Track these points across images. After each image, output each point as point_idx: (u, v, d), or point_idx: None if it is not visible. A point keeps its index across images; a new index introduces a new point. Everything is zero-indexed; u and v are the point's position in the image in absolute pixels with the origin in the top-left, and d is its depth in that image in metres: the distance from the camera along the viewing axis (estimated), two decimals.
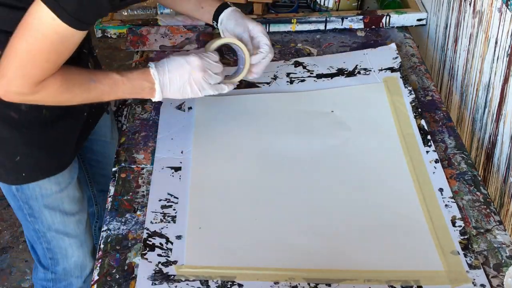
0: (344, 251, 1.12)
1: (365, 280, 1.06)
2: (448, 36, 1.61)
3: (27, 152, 1.27)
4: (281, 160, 1.30)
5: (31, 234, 1.40)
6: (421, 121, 1.37)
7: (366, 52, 1.59)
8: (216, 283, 1.06)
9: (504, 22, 1.27)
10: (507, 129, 1.28)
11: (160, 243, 1.13)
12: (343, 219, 1.18)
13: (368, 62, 1.55)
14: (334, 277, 1.07)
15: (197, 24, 1.69)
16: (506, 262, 1.09)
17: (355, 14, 1.72)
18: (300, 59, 1.59)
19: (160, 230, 1.15)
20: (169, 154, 1.31)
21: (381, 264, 1.09)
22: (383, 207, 1.20)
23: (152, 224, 1.16)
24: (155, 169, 1.28)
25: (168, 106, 1.44)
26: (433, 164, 1.27)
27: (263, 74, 1.53)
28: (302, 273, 1.08)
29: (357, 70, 1.53)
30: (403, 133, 1.35)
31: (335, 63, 1.56)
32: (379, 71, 1.52)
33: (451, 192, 1.21)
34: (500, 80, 1.30)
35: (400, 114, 1.39)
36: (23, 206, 1.34)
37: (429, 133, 1.35)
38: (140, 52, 1.65)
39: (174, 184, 1.24)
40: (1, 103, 1.18)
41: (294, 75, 1.54)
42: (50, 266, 1.43)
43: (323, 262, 1.10)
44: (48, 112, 1.24)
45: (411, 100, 1.43)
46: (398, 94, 1.45)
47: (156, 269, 1.08)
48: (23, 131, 1.24)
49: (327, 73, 1.54)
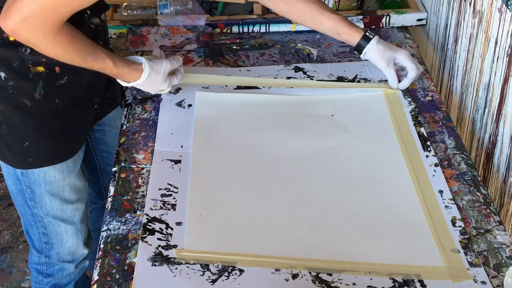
0: (346, 245, 1.12)
1: (366, 272, 1.06)
2: (448, 36, 1.61)
3: (36, 138, 1.31)
4: (281, 156, 1.30)
5: (28, 219, 1.43)
6: (421, 128, 1.37)
7: (365, 64, 1.58)
8: (217, 267, 1.06)
9: (504, 22, 1.27)
10: (507, 129, 1.28)
11: (160, 228, 1.14)
12: (344, 218, 1.18)
13: (368, 73, 1.55)
14: (335, 267, 1.07)
15: (197, 24, 1.69)
16: (506, 262, 1.09)
17: (355, 14, 1.72)
18: (300, 65, 1.58)
19: (160, 216, 1.16)
20: (168, 148, 1.32)
21: (383, 258, 1.09)
22: (384, 207, 1.20)
23: (152, 210, 1.17)
24: (155, 161, 1.29)
25: (167, 103, 1.45)
26: (433, 168, 1.27)
27: (263, 77, 1.55)
28: (303, 262, 1.08)
29: (357, 79, 1.53)
30: (403, 138, 1.35)
31: (335, 71, 1.56)
32: (379, 82, 1.52)
33: (451, 194, 1.22)
34: (500, 80, 1.30)
35: (400, 122, 1.39)
36: (25, 190, 1.37)
37: (428, 140, 1.34)
38: (140, 52, 1.65)
39: (174, 175, 1.25)
40: (16, 90, 1.24)
41: (294, 79, 1.53)
42: (44, 250, 1.46)
43: (325, 253, 1.10)
44: (60, 102, 1.30)
45: (411, 109, 1.43)
46: (398, 104, 1.45)
47: (156, 251, 1.09)
48: (34, 119, 1.29)
49: (327, 79, 1.53)
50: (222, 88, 1.50)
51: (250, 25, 1.72)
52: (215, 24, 1.71)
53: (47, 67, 1.26)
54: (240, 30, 1.72)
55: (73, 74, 1.29)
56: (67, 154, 1.36)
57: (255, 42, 1.67)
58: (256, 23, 1.71)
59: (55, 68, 1.26)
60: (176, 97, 1.47)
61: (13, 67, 1.24)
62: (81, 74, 1.29)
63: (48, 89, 1.27)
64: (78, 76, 1.30)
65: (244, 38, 1.70)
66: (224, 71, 1.56)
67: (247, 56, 1.63)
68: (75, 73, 1.28)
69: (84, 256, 1.52)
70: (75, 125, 1.36)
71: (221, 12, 1.82)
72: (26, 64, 1.24)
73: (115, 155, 1.33)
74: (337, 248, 1.11)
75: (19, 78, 1.25)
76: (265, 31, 1.72)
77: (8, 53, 1.23)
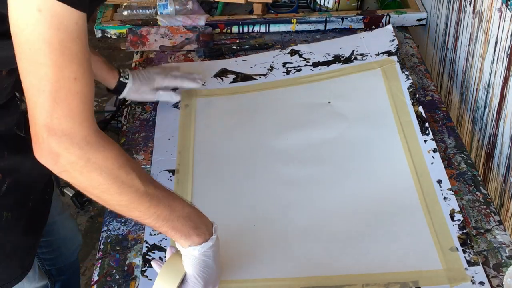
0: (342, 255, 1.11)
1: (364, 285, 1.05)
2: (448, 36, 1.61)
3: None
4: (279, 155, 1.30)
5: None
6: (419, 108, 1.37)
7: (362, 36, 1.58)
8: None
9: (504, 22, 1.27)
10: (507, 129, 1.28)
11: (159, 258, 1.10)
12: (341, 216, 1.17)
13: (365, 47, 1.55)
14: (332, 283, 1.06)
15: (197, 24, 1.69)
16: (506, 262, 1.09)
17: (355, 14, 1.72)
18: (296, 47, 1.59)
19: (160, 242, 1.13)
20: (166, 155, 1.31)
21: (379, 267, 1.08)
22: (381, 201, 1.19)
23: (152, 236, 1.14)
24: (153, 172, 1.27)
25: (164, 105, 1.45)
26: (431, 154, 1.27)
27: (259, 65, 1.53)
28: (300, 282, 1.07)
29: (354, 56, 1.53)
30: (400, 121, 1.34)
31: (332, 50, 1.56)
32: (376, 55, 1.52)
33: (450, 184, 1.21)
34: (500, 80, 1.30)
35: (397, 101, 1.39)
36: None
37: (427, 121, 1.34)
38: (140, 52, 1.65)
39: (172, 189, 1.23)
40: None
41: (290, 64, 1.54)
42: None
43: (321, 269, 1.09)
44: (9, 214, 1.10)
45: (408, 85, 1.43)
46: (395, 79, 1.44)
47: None
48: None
49: (323, 60, 1.54)
50: (219, 83, 1.50)
51: (250, 25, 1.72)
52: (215, 24, 1.71)
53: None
54: (240, 30, 1.72)
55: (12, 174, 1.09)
56: (24, 271, 1.17)
57: (255, 42, 1.67)
58: (256, 23, 1.71)
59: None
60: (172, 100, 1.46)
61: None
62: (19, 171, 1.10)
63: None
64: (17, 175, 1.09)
65: (244, 38, 1.70)
66: (221, 62, 1.56)
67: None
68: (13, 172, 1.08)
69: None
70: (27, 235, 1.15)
71: (221, 12, 1.82)
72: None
73: None
74: (333, 260, 1.10)
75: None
76: (265, 31, 1.72)
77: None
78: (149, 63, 1.60)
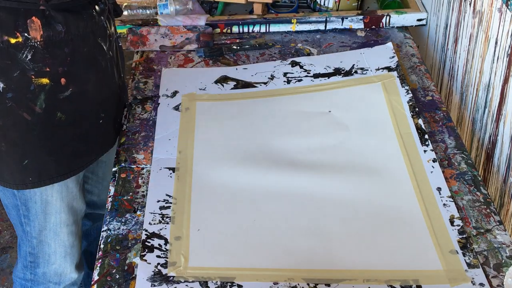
0: (343, 251, 1.12)
1: (364, 280, 1.06)
2: (448, 36, 1.61)
3: (36, 155, 1.24)
4: (279, 160, 1.30)
5: (20, 234, 1.39)
6: (419, 120, 1.37)
7: (362, 52, 1.59)
8: (215, 284, 1.06)
9: (504, 22, 1.27)
10: (507, 129, 1.28)
11: (159, 244, 1.13)
12: (341, 219, 1.18)
13: (365, 62, 1.56)
14: (333, 277, 1.07)
15: (197, 24, 1.69)
16: (506, 262, 1.09)
17: (355, 14, 1.72)
18: (297, 58, 1.59)
19: (159, 231, 1.15)
20: (166, 154, 1.31)
21: (380, 264, 1.09)
22: (381, 206, 1.20)
23: (151, 225, 1.16)
24: (153, 169, 1.28)
25: (165, 107, 1.45)
26: (431, 164, 1.27)
27: (260, 74, 1.54)
28: (301, 274, 1.08)
29: (354, 69, 1.54)
30: (400, 132, 1.35)
31: (332, 63, 1.57)
32: (376, 70, 1.53)
33: (449, 192, 1.21)
34: (500, 80, 1.30)
35: (397, 113, 1.40)
36: (20, 206, 1.32)
37: (426, 133, 1.35)
38: (140, 52, 1.65)
39: (172, 185, 1.25)
40: (15, 103, 1.16)
41: (291, 74, 1.54)
42: (29, 267, 1.41)
43: (322, 262, 1.10)
44: (63, 116, 1.22)
45: (408, 99, 1.43)
46: (395, 93, 1.45)
47: (155, 270, 1.08)
48: (34, 134, 1.21)
49: (324, 72, 1.54)
50: (219, 88, 1.50)
51: (250, 25, 1.72)
52: (215, 24, 1.71)
53: (52, 79, 1.17)
54: (240, 30, 1.72)
55: (79, 85, 1.22)
56: (68, 172, 1.29)
57: (255, 42, 1.67)
58: (256, 23, 1.71)
59: (61, 80, 1.19)
60: (173, 100, 1.46)
61: (13, 77, 1.15)
62: (87, 84, 1.23)
63: (50, 102, 1.19)
64: (83, 86, 1.23)
65: (244, 38, 1.70)
66: (221, 70, 1.56)
67: (247, 56, 1.63)
68: (80, 83, 1.22)
69: (72, 281, 1.44)
70: (76, 142, 1.28)
71: (221, 12, 1.82)
72: (28, 74, 1.15)
73: (115, 155, 1.33)
74: (334, 254, 1.11)
75: (19, 90, 1.17)
76: (265, 31, 1.72)
77: (7, 60, 1.14)
78: (149, 63, 1.60)
